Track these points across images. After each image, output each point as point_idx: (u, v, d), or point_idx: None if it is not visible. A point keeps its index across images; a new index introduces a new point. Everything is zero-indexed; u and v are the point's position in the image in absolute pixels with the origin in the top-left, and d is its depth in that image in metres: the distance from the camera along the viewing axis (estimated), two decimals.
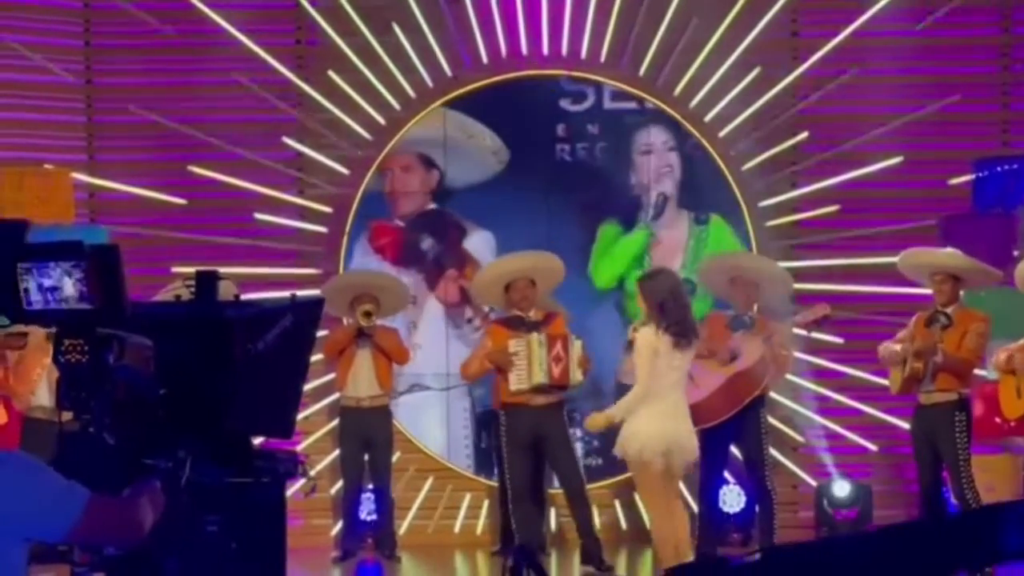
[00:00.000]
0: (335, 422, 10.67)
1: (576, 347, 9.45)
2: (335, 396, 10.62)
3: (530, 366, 9.36)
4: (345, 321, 10.34)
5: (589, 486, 9.95)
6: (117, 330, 3.57)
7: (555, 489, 10.28)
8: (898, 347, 8.98)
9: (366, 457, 10.22)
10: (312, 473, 4.34)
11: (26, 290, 3.46)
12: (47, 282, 3.44)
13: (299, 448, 10.07)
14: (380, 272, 10.80)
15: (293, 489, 5.00)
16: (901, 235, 10.63)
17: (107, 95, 11.28)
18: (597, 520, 10.13)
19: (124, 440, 3.59)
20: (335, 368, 10.33)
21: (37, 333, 8.03)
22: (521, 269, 9.56)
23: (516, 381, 9.38)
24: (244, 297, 4.32)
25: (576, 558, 9.83)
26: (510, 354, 9.34)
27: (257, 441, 4.23)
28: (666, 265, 9.85)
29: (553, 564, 10.17)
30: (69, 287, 3.46)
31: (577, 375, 9.45)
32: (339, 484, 10.50)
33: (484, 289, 9.81)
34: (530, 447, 9.52)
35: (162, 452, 3.66)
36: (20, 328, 7.25)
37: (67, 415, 8.02)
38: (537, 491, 9.75)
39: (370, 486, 10.35)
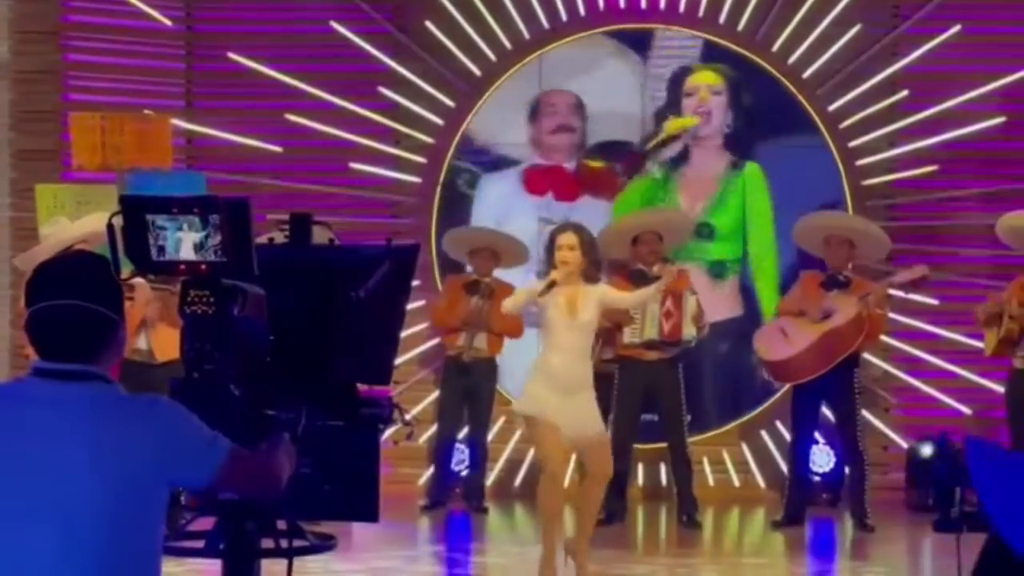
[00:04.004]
0: (423, 372, 10.87)
1: (691, 303, 9.45)
2: (427, 345, 10.80)
3: (643, 321, 9.40)
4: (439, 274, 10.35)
5: None
6: (239, 282, 3.59)
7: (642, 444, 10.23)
8: (992, 302, 8.93)
9: (465, 409, 10.31)
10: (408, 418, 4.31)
11: (155, 241, 3.49)
12: (177, 234, 3.46)
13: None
14: (499, 230, 10.62)
15: (387, 434, 5.03)
16: (1001, 196, 10.48)
17: (206, 42, 11.37)
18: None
19: (247, 391, 3.61)
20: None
21: (144, 288, 8.22)
22: (650, 223, 9.70)
23: (628, 335, 9.45)
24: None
25: (663, 512, 9.89)
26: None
27: None
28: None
29: (639, 517, 10.22)
30: (200, 239, 3.48)
31: (690, 331, 9.46)
32: (428, 433, 10.57)
33: (612, 241, 9.58)
34: (641, 402, 9.57)
35: (281, 402, 3.67)
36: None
37: (162, 357, 8.15)
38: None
39: (460, 436, 10.41)
